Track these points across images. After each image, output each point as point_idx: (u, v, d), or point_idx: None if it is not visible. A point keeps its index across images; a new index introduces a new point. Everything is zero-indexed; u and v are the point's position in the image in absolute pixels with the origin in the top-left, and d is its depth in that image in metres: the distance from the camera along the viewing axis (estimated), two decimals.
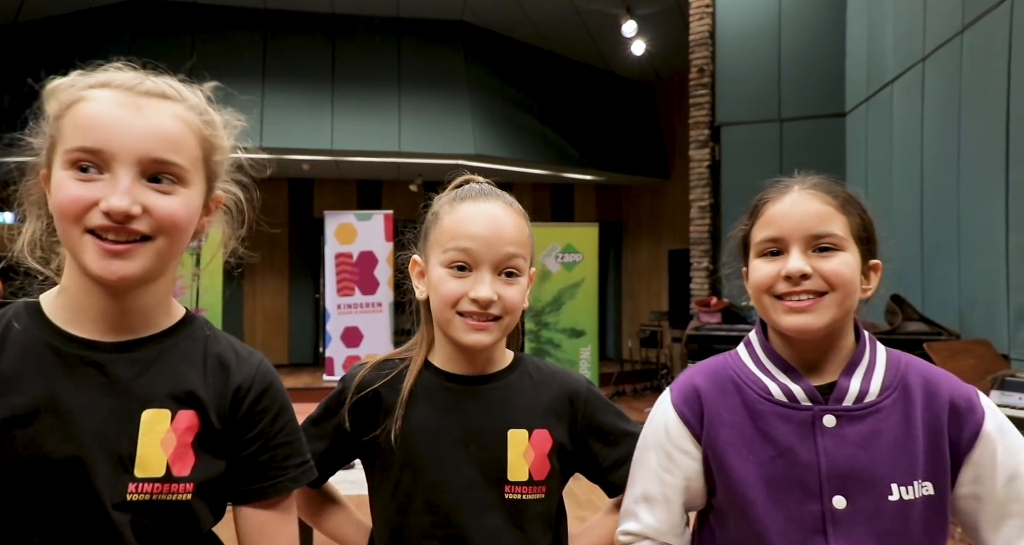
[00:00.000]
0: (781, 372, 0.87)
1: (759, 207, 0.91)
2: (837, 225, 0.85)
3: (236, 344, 0.81)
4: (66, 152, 0.68)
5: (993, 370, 3.01)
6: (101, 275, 0.68)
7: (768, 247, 0.87)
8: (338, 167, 8.38)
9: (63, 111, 0.70)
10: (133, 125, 0.69)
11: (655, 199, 9.69)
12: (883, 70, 4.84)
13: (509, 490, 0.90)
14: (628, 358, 9.11)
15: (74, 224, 0.67)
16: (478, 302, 0.88)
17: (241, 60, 7.33)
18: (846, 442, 0.82)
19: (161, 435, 0.71)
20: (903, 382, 0.86)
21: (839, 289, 0.83)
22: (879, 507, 0.80)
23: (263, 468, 0.78)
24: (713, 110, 6.04)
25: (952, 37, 3.88)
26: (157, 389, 0.72)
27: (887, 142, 4.78)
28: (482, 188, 0.96)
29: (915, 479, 0.81)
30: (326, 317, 6.67)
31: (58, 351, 0.70)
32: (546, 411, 0.94)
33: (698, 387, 0.91)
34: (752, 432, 0.85)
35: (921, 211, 4.26)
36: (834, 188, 0.88)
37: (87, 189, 0.67)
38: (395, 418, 0.90)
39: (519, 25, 8.17)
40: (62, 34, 7.28)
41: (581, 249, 7.20)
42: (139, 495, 0.70)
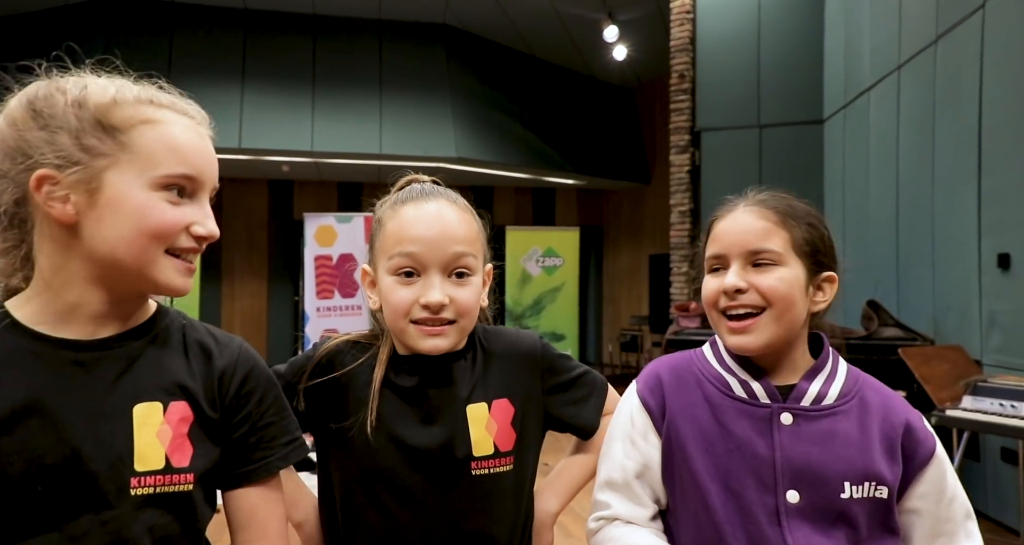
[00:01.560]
0: (743, 370, 0.91)
1: (711, 225, 0.95)
2: (775, 241, 0.87)
3: (214, 330, 0.82)
4: (163, 177, 0.70)
5: (966, 375, 3.06)
6: (180, 290, 0.73)
7: (713, 264, 0.92)
8: (318, 169, 8.32)
9: (130, 127, 0.70)
10: (211, 151, 0.76)
11: (636, 203, 9.75)
12: (860, 78, 4.91)
13: (476, 466, 0.89)
14: (608, 362, 9.14)
15: (161, 244, 0.71)
16: (429, 307, 0.86)
17: (220, 60, 7.25)
18: (801, 439, 0.86)
19: (156, 427, 0.71)
20: (860, 394, 0.90)
21: (775, 304, 0.86)
22: (831, 502, 0.84)
23: (252, 450, 0.78)
24: (693, 115, 6.10)
25: (926, 46, 3.96)
26: (145, 383, 0.73)
27: (864, 149, 4.85)
28: (423, 188, 0.93)
29: (867, 480, 0.85)
30: (305, 320, 6.61)
31: (39, 355, 0.69)
32: (504, 380, 0.93)
33: (661, 378, 0.94)
34: (712, 425, 0.88)
35: (897, 218, 4.33)
36: (778, 203, 0.91)
37: (180, 213, 0.71)
38: (369, 409, 0.88)
39: (501, 29, 8.18)
40: (35, 30, 7.14)
41: (562, 253, 7.22)
42: (143, 488, 0.70)
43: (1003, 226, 3.24)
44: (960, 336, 3.54)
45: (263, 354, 7.62)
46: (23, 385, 0.68)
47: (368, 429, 0.87)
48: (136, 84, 0.76)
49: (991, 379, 2.97)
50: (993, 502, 3.32)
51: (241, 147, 7.01)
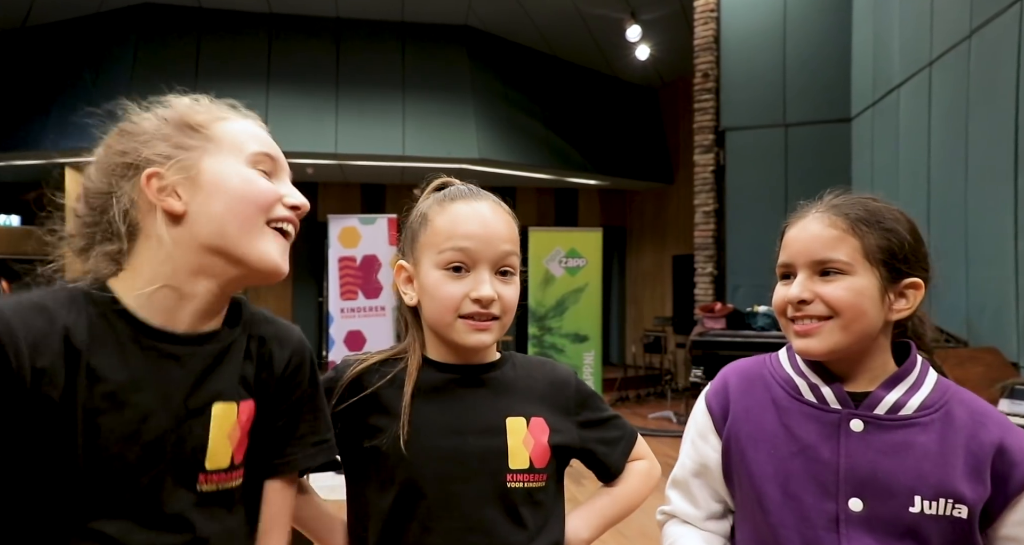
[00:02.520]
0: (815, 374, 0.89)
1: (783, 232, 0.93)
2: (843, 250, 0.85)
3: (275, 320, 0.85)
4: (252, 154, 0.78)
5: (1002, 378, 2.98)
6: (277, 266, 0.78)
7: (782, 272, 0.91)
8: (342, 171, 8.39)
9: (210, 123, 0.79)
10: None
11: (659, 204, 9.68)
12: (889, 75, 4.82)
13: (511, 478, 0.88)
14: (632, 363, 9.08)
15: (263, 212, 0.76)
16: (480, 301, 0.87)
17: (246, 64, 7.35)
18: (870, 448, 0.84)
19: (228, 428, 0.75)
20: (947, 407, 0.86)
21: (843, 314, 0.84)
22: (898, 515, 0.81)
23: (283, 444, 0.81)
24: (718, 115, 6.03)
25: (960, 41, 3.86)
26: (225, 381, 0.76)
27: (893, 147, 4.76)
28: (470, 188, 0.95)
29: (944, 497, 0.81)
30: (329, 321, 6.66)
31: (141, 343, 0.73)
32: (540, 399, 0.94)
33: (728, 382, 0.95)
34: (776, 428, 0.88)
35: (928, 217, 4.24)
36: (852, 208, 0.88)
37: (273, 185, 0.78)
38: (401, 424, 0.88)
39: (523, 29, 8.17)
40: (69, 38, 7.31)
41: (585, 254, 7.19)
42: (208, 485, 0.74)
43: None
44: (995, 338, 3.45)
45: None
46: (126, 371, 0.71)
47: (401, 442, 0.87)
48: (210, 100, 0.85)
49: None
50: None
51: None
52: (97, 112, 0.87)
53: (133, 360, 0.72)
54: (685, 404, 6.83)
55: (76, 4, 7.16)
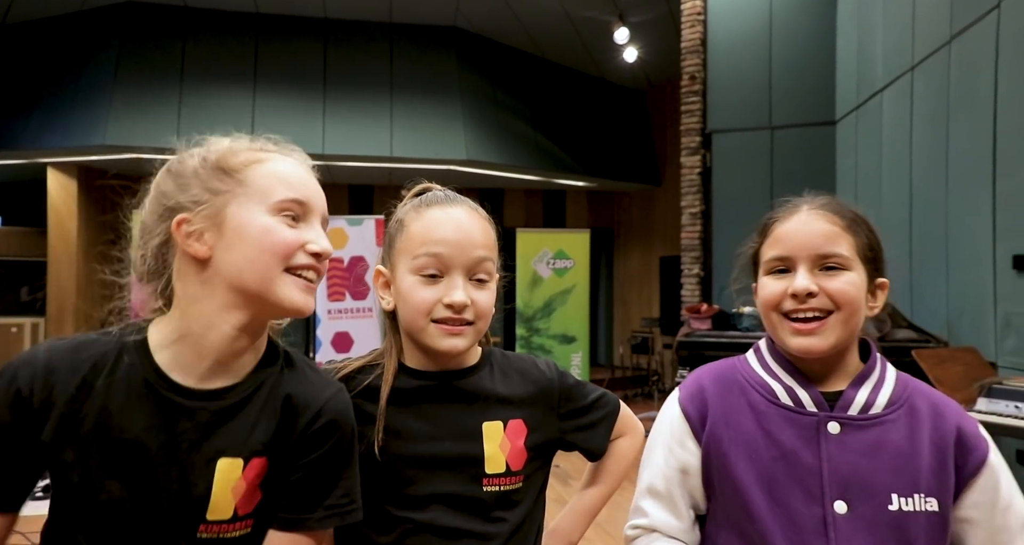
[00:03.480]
0: (789, 377, 0.90)
1: (768, 226, 0.93)
2: (843, 245, 0.87)
3: (310, 374, 0.85)
4: (277, 203, 0.79)
5: (980, 377, 3.03)
6: (301, 307, 0.79)
7: (776, 265, 0.90)
8: (329, 172, 8.36)
9: (244, 166, 0.80)
10: (316, 183, 0.86)
11: (646, 205, 9.72)
12: (873, 79, 4.88)
13: (487, 482, 0.90)
14: (619, 364, 9.11)
15: (281, 261, 0.78)
16: (453, 307, 0.88)
17: (232, 64, 7.30)
18: (848, 449, 0.84)
19: (232, 483, 0.77)
20: (910, 401, 0.88)
21: (844, 308, 0.85)
22: (879, 515, 0.82)
23: (296, 499, 0.80)
24: (704, 117, 6.07)
25: (940, 47, 3.93)
26: (234, 438, 0.78)
27: (877, 151, 4.82)
28: (447, 194, 0.96)
29: (917, 492, 0.83)
30: (316, 322, 6.64)
31: (158, 395, 0.76)
32: (519, 400, 0.95)
33: (704, 386, 0.93)
34: (756, 433, 0.87)
35: (910, 220, 4.30)
36: (842, 208, 0.91)
37: (296, 233, 0.79)
38: (376, 430, 0.88)
39: (512, 31, 8.19)
40: (51, 36, 7.23)
41: (572, 255, 7.21)
42: (208, 534, 0.76)
43: (1018, 228, 3.21)
44: (974, 338, 3.51)
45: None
46: (139, 419, 0.75)
47: (375, 448, 0.88)
48: (251, 139, 0.87)
49: (1006, 381, 2.93)
50: None
51: None
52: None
53: (146, 410, 0.76)
54: None
55: (58, 2, 7.08)
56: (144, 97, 6.88)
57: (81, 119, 6.76)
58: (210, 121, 7.02)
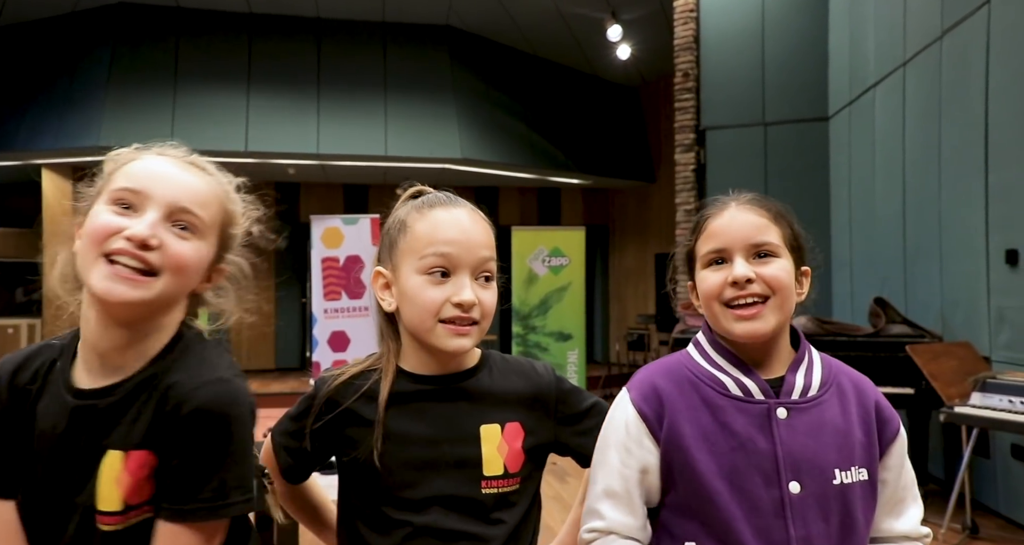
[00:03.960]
0: (734, 368, 0.94)
1: (701, 223, 0.98)
2: (772, 234, 0.93)
3: (196, 366, 0.81)
4: (111, 192, 0.79)
5: (974, 372, 3.05)
6: (104, 294, 0.76)
7: (714, 257, 0.95)
8: (324, 171, 8.35)
9: (116, 168, 0.83)
10: (172, 178, 0.81)
11: (641, 202, 9.74)
12: (865, 74, 4.90)
13: (486, 485, 0.90)
14: (615, 361, 9.13)
15: (95, 246, 0.76)
16: (463, 305, 0.88)
17: (225, 64, 7.29)
18: (797, 432, 0.90)
19: (115, 475, 0.79)
20: (836, 381, 0.96)
21: (779, 292, 0.91)
22: (825, 491, 0.89)
23: (171, 489, 0.78)
24: (698, 114, 6.09)
25: (931, 42, 3.94)
26: (119, 432, 0.80)
27: (870, 146, 4.83)
28: (447, 195, 0.96)
29: (852, 465, 0.91)
30: (313, 321, 6.63)
31: (62, 397, 0.81)
32: (517, 403, 0.95)
33: (657, 386, 0.95)
34: (712, 426, 0.91)
35: (904, 214, 4.31)
36: (766, 203, 0.97)
37: (118, 220, 0.77)
38: (375, 437, 0.89)
39: (505, 29, 8.19)
40: (44, 37, 7.20)
41: (568, 253, 7.22)
42: (107, 525, 0.79)
43: (1011, 222, 3.23)
44: (968, 332, 3.53)
45: (271, 356, 7.64)
46: (51, 417, 0.81)
47: (375, 454, 0.88)
48: (181, 149, 0.88)
49: (1000, 375, 2.95)
50: (1004, 499, 3.31)
51: (247, 150, 7.04)
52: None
53: (57, 410, 0.81)
54: None
55: (51, 3, 7.05)
56: (138, 98, 6.86)
57: (75, 120, 6.74)
58: (204, 121, 7.00)
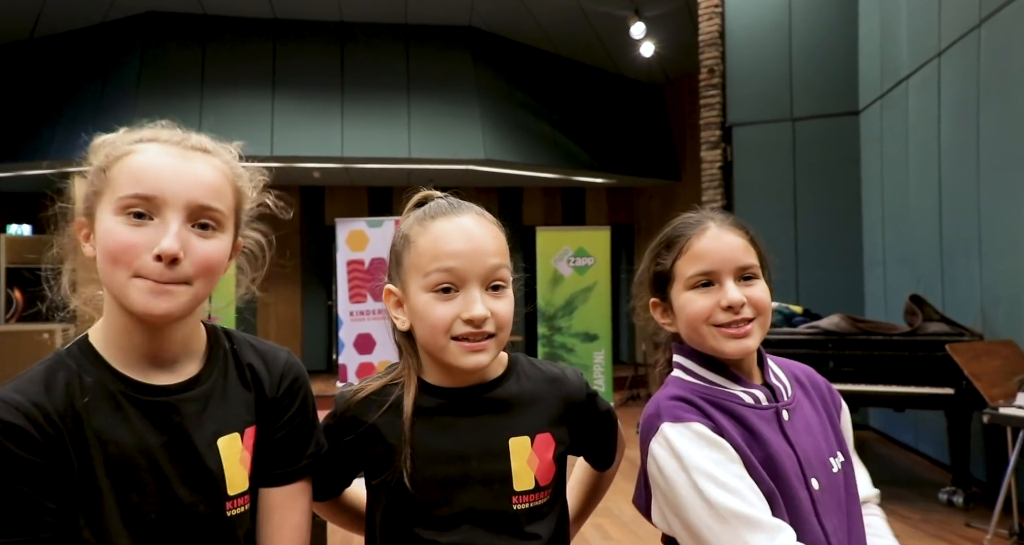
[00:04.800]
0: (733, 382, 0.95)
1: (680, 243, 0.97)
2: (752, 256, 0.96)
3: (260, 346, 0.88)
4: (119, 199, 0.74)
5: (1019, 371, 2.94)
6: (147, 310, 0.73)
7: (700, 280, 0.95)
8: (349, 174, 8.40)
9: (111, 163, 0.77)
10: (183, 174, 0.76)
11: (667, 201, 9.63)
12: (897, 66, 4.78)
13: (517, 500, 0.87)
14: (642, 362, 9.05)
15: (124, 268, 0.73)
16: (473, 321, 0.83)
17: (250, 69, 7.37)
18: (799, 431, 0.93)
19: (238, 455, 0.81)
20: (794, 376, 1.00)
21: (763, 313, 0.94)
22: (831, 481, 0.92)
23: (282, 456, 0.85)
24: (724, 111, 5.99)
25: (969, 31, 3.82)
26: (223, 416, 0.81)
27: (903, 139, 4.71)
28: (449, 202, 0.91)
29: (837, 451, 0.96)
30: (339, 324, 6.68)
31: (135, 400, 0.76)
32: (547, 414, 0.92)
33: (691, 400, 0.92)
34: (746, 435, 0.91)
35: (940, 209, 4.19)
36: (741, 222, 0.99)
37: (138, 234, 0.73)
38: (403, 455, 0.86)
39: (527, 29, 8.16)
40: (76, 48, 7.36)
41: (593, 253, 7.17)
42: (236, 509, 0.80)
43: None
44: (1011, 330, 3.41)
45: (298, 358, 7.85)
46: (128, 428, 0.75)
47: (405, 475, 0.85)
48: (173, 129, 0.84)
49: None
50: None
51: (273, 155, 7.12)
52: None
53: (134, 418, 0.76)
54: None
55: (82, 15, 7.20)
56: (167, 104, 6.97)
57: (106, 128, 6.79)
58: (230, 126, 7.08)
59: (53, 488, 0.71)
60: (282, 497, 0.85)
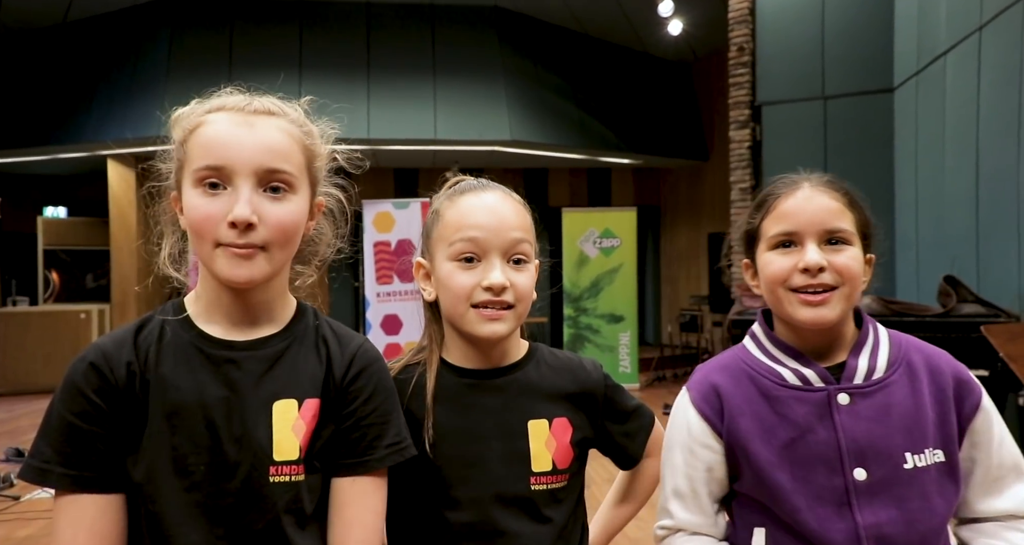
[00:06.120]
0: (791, 359, 0.92)
1: (769, 202, 0.95)
2: (846, 221, 0.90)
3: (339, 329, 0.89)
4: (194, 172, 0.77)
5: None
6: (231, 278, 0.77)
7: (782, 240, 0.91)
8: (375, 156, 8.44)
9: (187, 136, 0.80)
10: (247, 141, 0.78)
11: (693, 182, 9.52)
12: (935, 41, 4.63)
13: (535, 481, 0.90)
14: (668, 343, 9.02)
15: (207, 239, 0.77)
16: (492, 289, 0.87)
17: (278, 52, 7.41)
18: (860, 417, 0.88)
19: (291, 423, 0.80)
20: (907, 359, 0.92)
21: (849, 282, 0.88)
22: (896, 476, 0.86)
23: (354, 445, 0.83)
24: (753, 89, 5.88)
25: (1013, 3, 3.69)
26: (285, 382, 0.81)
27: (939, 118, 4.58)
28: (479, 181, 0.96)
29: (927, 447, 0.87)
30: (366, 305, 6.76)
31: (203, 351, 0.80)
32: (565, 400, 0.94)
33: (715, 384, 0.95)
34: (772, 418, 0.90)
35: (977, 189, 4.09)
36: (842, 186, 0.94)
37: (214, 205, 0.76)
38: (425, 428, 0.89)
39: (553, 9, 8.06)
40: (107, 31, 7.46)
41: (619, 234, 7.13)
42: (279, 477, 0.78)
43: None
44: None
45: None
46: (192, 378, 0.79)
47: (427, 449, 0.88)
48: (238, 95, 0.88)
49: None
50: None
51: None
52: None
53: (198, 368, 0.79)
54: None
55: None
56: (195, 86, 6.95)
57: (137, 110, 6.97)
58: None
59: (112, 432, 0.76)
60: (353, 492, 0.82)
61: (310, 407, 0.81)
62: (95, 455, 0.75)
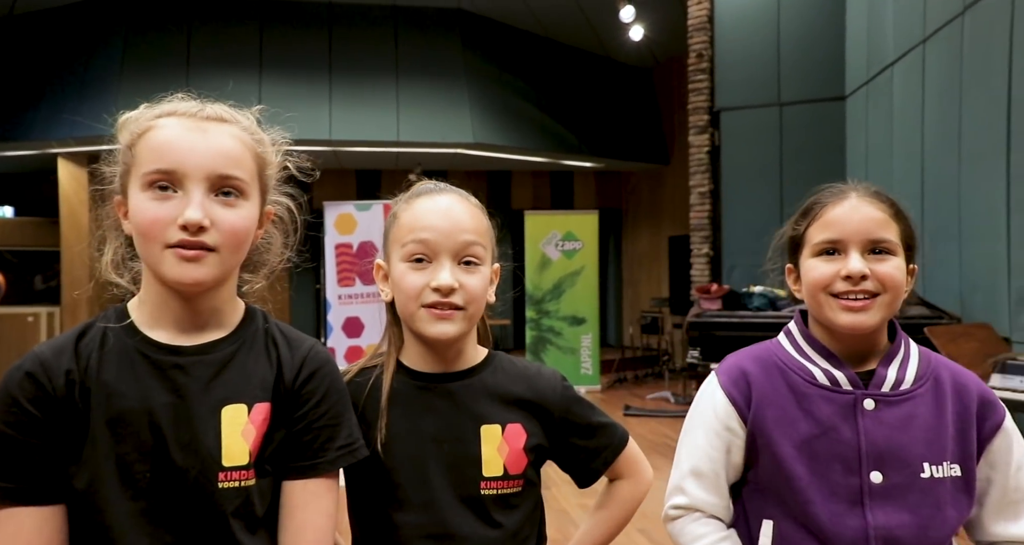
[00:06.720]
0: (824, 359, 0.95)
1: (816, 210, 0.98)
2: (891, 232, 0.93)
3: (289, 332, 0.88)
4: (144, 175, 0.76)
5: (994, 353, 3.02)
6: (179, 279, 0.76)
7: (826, 247, 0.94)
8: (337, 157, 8.35)
9: (135, 140, 0.79)
10: (200, 146, 0.78)
11: (655, 185, 9.67)
12: (883, 53, 4.81)
13: (485, 485, 0.91)
14: (629, 345, 9.13)
15: (155, 242, 0.76)
16: (440, 290, 0.88)
17: (238, 51, 7.28)
18: (883, 424, 0.91)
19: (240, 427, 0.79)
20: (935, 375, 0.95)
21: (890, 291, 0.91)
22: (912, 483, 0.89)
23: (305, 448, 0.82)
24: (712, 95, 6.02)
25: (953, 18, 3.86)
26: (234, 386, 0.80)
27: (887, 125, 4.76)
28: (436, 185, 0.97)
29: (944, 460, 0.90)
30: (327, 308, 6.68)
31: (148, 357, 0.78)
32: (519, 406, 0.95)
33: (746, 370, 0.98)
34: (796, 412, 0.93)
35: (922, 194, 4.25)
36: (888, 197, 0.97)
37: (164, 208, 0.75)
38: (378, 428, 0.90)
39: (517, 12, 8.11)
40: (58, 26, 7.22)
41: (581, 236, 7.20)
42: (228, 483, 0.77)
43: None
44: (988, 314, 3.49)
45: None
46: (138, 384, 0.77)
47: (379, 449, 0.89)
48: (190, 102, 0.87)
49: (1020, 357, 2.92)
50: None
51: None
52: None
53: (143, 375, 0.78)
54: (683, 384, 6.87)
55: None
56: (151, 86, 6.77)
57: (89, 108, 6.77)
58: None
59: (50, 442, 0.74)
60: (304, 494, 0.81)
61: (260, 411, 0.80)
62: (32, 467, 0.73)
